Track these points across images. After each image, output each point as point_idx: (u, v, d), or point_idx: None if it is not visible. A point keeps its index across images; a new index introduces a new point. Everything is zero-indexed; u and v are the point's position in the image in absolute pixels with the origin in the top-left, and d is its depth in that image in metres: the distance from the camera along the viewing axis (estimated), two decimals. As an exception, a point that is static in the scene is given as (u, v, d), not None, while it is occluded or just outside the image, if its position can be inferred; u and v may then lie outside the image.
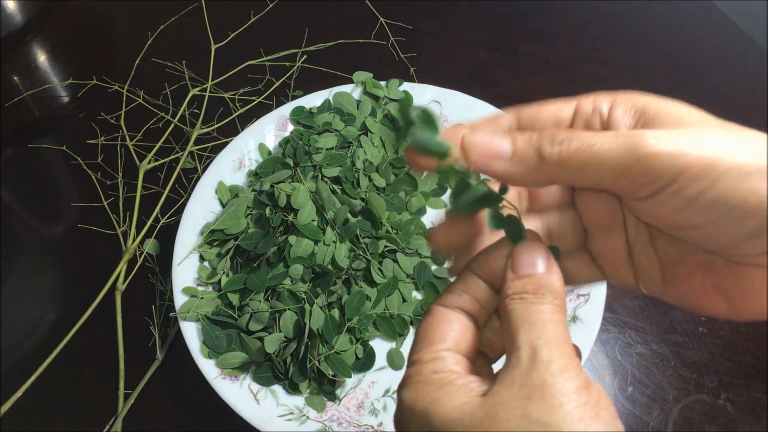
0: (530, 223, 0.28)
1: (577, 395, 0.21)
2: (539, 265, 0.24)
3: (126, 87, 0.71)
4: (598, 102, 0.26)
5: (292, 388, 0.46)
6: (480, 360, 0.27)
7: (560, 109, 0.27)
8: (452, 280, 0.27)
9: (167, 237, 0.57)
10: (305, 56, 0.73)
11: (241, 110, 0.67)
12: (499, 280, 0.25)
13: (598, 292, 0.48)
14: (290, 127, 0.60)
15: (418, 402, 0.23)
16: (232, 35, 0.75)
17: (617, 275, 0.27)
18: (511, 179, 0.24)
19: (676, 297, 0.26)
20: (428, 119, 0.24)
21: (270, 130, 0.60)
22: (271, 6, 0.78)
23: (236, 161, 0.58)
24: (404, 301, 0.50)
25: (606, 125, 0.25)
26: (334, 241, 0.51)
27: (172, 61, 0.74)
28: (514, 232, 0.25)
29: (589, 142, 0.22)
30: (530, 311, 0.23)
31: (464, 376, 0.23)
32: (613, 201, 0.27)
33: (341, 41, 0.74)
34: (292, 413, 0.45)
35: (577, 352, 0.24)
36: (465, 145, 0.24)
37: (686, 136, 0.21)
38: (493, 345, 0.26)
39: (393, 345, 0.49)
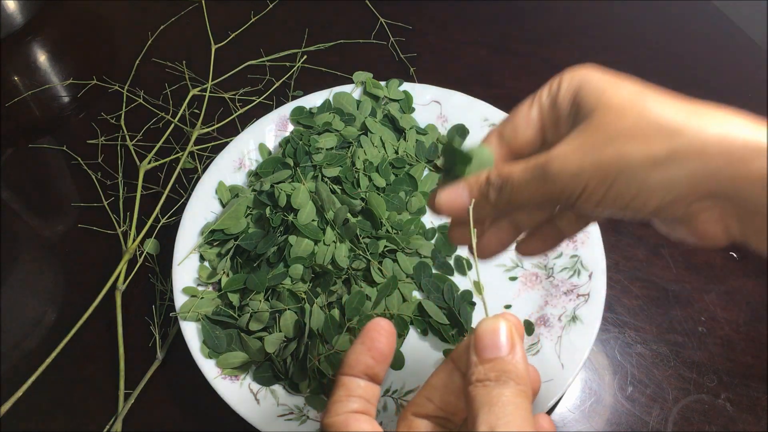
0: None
1: None
2: (502, 348, 0.24)
3: (126, 87, 0.71)
4: (552, 87, 0.30)
5: (292, 388, 0.46)
6: None
7: (528, 110, 0.31)
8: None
9: (167, 237, 0.57)
10: (305, 56, 0.73)
11: (241, 110, 0.67)
12: (373, 371, 0.27)
13: (598, 292, 0.48)
14: (290, 127, 0.60)
15: None
16: (232, 35, 0.75)
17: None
18: (478, 220, 0.30)
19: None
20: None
21: (270, 130, 0.60)
22: (271, 6, 0.78)
23: (236, 161, 0.58)
24: (404, 301, 0.50)
25: (556, 108, 0.29)
26: (334, 241, 0.51)
27: (172, 61, 0.74)
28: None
29: (515, 182, 0.28)
30: (491, 395, 0.23)
31: None
32: None
33: (341, 41, 0.74)
34: (292, 413, 0.45)
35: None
36: (436, 204, 0.30)
37: (586, 148, 0.26)
38: None
39: (393, 345, 0.49)
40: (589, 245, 0.51)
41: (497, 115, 0.59)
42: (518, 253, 0.35)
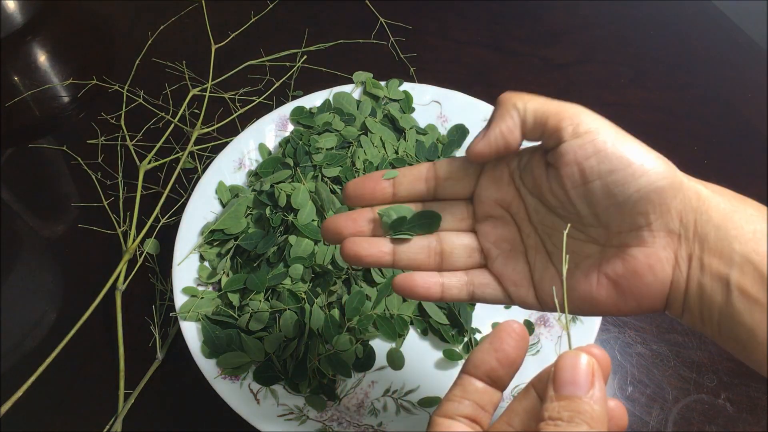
0: (423, 241, 0.33)
1: None
2: (581, 386, 0.23)
3: (126, 87, 0.71)
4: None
5: (292, 388, 0.46)
6: None
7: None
8: None
9: (167, 237, 0.57)
10: (305, 56, 0.73)
11: (241, 110, 0.67)
12: (496, 374, 0.26)
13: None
14: (290, 127, 0.60)
15: None
16: (232, 35, 0.75)
17: (518, 294, 0.32)
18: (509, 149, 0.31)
19: (575, 302, 0.30)
20: None
21: (270, 130, 0.60)
22: (271, 6, 0.78)
23: (236, 161, 0.58)
24: (404, 301, 0.50)
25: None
26: (334, 241, 0.51)
27: (172, 61, 0.74)
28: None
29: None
30: None
31: None
32: (513, 229, 0.32)
33: (341, 41, 0.74)
34: (292, 413, 0.45)
35: None
36: (473, 153, 0.30)
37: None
38: None
39: (393, 345, 0.49)
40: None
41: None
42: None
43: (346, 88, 0.62)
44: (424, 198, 0.34)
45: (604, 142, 0.27)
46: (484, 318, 0.50)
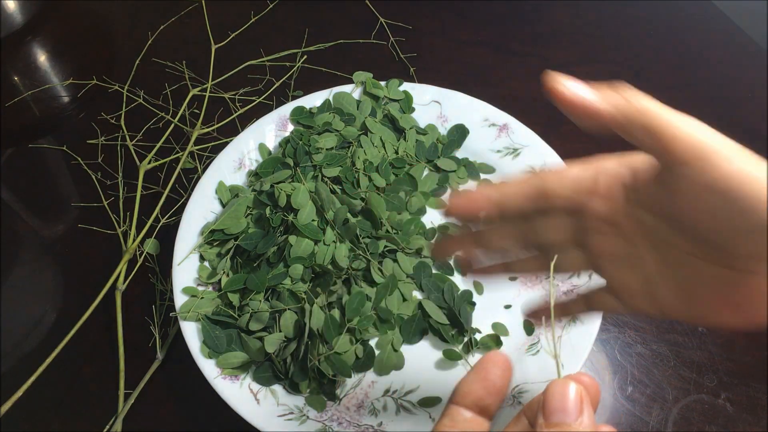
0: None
1: None
2: (570, 413, 0.24)
3: (126, 87, 0.71)
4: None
5: (292, 388, 0.46)
6: None
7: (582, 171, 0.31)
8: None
9: (167, 237, 0.57)
10: (305, 56, 0.73)
11: (241, 110, 0.67)
12: (484, 403, 0.26)
13: (598, 292, 0.48)
14: (290, 127, 0.60)
15: None
16: (232, 35, 0.75)
17: (634, 303, 0.31)
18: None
19: (695, 317, 0.29)
20: None
21: (270, 130, 0.60)
22: (271, 6, 0.78)
23: (236, 161, 0.58)
24: (404, 300, 0.50)
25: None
26: (334, 241, 0.51)
27: (172, 61, 0.74)
28: None
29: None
30: None
31: None
32: (625, 244, 0.31)
33: (341, 41, 0.74)
34: (292, 413, 0.45)
35: None
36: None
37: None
38: None
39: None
40: (589, 245, 0.51)
41: (497, 115, 0.59)
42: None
43: (346, 88, 0.62)
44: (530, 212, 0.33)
45: (715, 178, 0.25)
46: (484, 318, 0.50)
